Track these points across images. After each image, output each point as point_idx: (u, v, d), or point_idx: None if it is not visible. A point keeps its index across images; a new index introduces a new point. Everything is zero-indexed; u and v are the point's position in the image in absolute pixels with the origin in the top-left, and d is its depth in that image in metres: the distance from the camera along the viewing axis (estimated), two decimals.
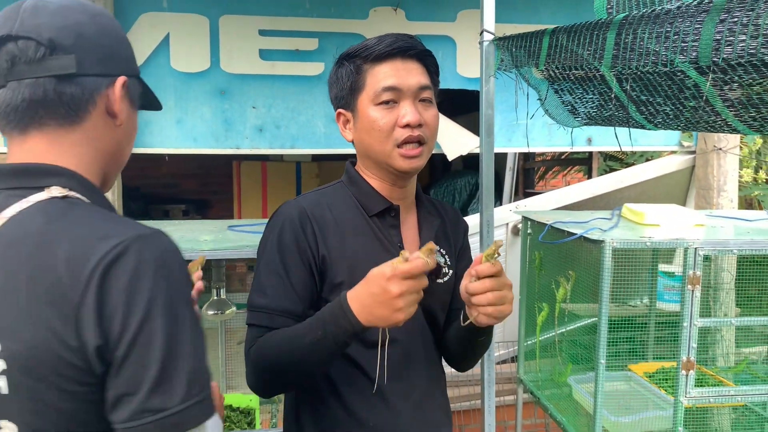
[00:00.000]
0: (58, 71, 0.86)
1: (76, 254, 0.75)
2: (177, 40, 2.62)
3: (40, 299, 0.75)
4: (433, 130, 1.26)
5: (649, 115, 1.30)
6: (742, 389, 1.93)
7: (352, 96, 1.25)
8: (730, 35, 0.98)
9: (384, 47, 1.21)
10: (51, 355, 0.74)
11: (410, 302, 1.02)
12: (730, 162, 2.93)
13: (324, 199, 1.28)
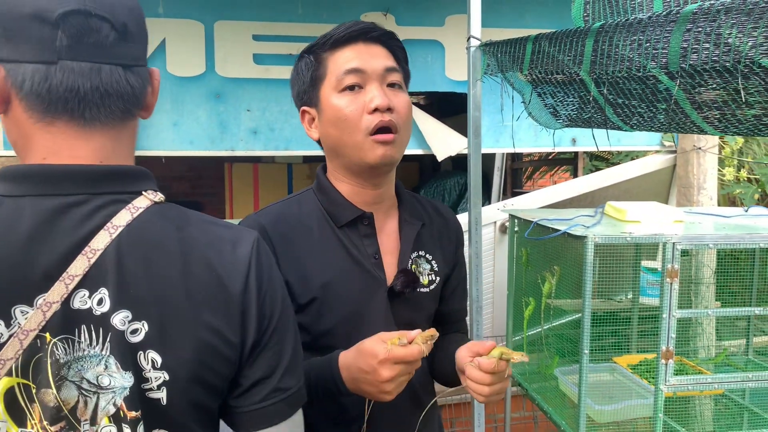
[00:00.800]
0: (129, 61, 0.80)
1: (227, 257, 0.80)
2: (173, 45, 2.68)
3: (201, 305, 0.77)
4: (404, 118, 1.14)
5: (626, 117, 1.39)
6: (719, 377, 2.02)
7: (314, 88, 1.16)
8: (695, 43, 1.06)
9: (342, 31, 1.14)
10: (213, 356, 0.78)
11: (400, 384, 1.00)
12: (709, 161, 3.04)
13: (289, 210, 1.20)
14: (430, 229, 1.26)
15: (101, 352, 0.74)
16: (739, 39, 0.98)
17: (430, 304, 1.23)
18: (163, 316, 0.76)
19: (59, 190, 0.75)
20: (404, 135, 1.15)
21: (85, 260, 0.73)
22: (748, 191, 4.67)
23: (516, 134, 2.97)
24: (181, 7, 2.68)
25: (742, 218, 2.40)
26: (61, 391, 0.73)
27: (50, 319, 0.72)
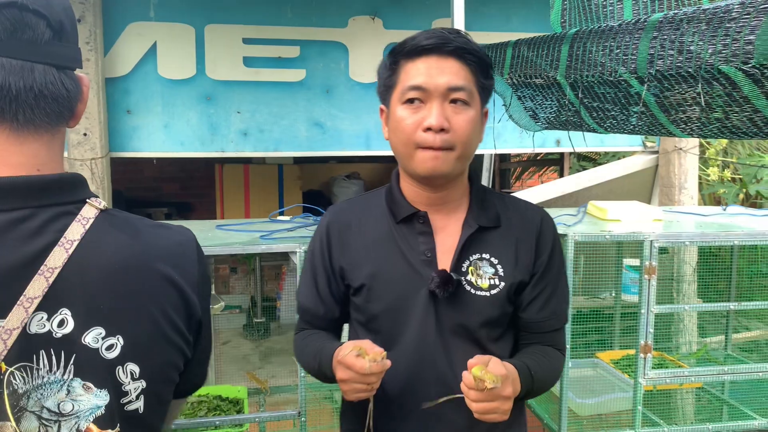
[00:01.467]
0: (64, 62, 0.75)
1: (181, 262, 0.81)
2: (164, 48, 2.72)
3: (166, 310, 0.78)
4: (463, 136, 1.13)
5: (600, 120, 1.45)
6: (696, 370, 2.09)
7: (387, 93, 1.19)
8: (661, 50, 1.12)
9: (419, 42, 1.13)
10: (178, 355, 0.80)
11: (353, 389, 1.06)
12: (690, 161, 3.11)
13: (359, 206, 1.27)
14: (506, 233, 1.22)
15: (62, 377, 0.71)
16: (700, 46, 1.03)
17: (489, 308, 1.17)
18: (136, 327, 0.75)
19: (1, 205, 0.70)
20: (462, 151, 1.14)
21: (42, 280, 0.69)
22: (731, 191, 4.76)
23: (501, 136, 3.03)
24: (172, 11, 2.72)
25: (720, 217, 2.47)
26: (20, 423, 0.69)
27: (11, 347, 0.67)
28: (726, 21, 0.98)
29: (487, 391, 1.00)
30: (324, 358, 1.16)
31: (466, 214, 1.21)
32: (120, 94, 2.72)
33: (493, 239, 1.20)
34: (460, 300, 1.16)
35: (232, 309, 5.74)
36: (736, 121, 1.12)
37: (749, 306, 2.20)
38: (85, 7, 2.54)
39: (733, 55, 0.98)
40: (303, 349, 1.27)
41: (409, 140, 1.13)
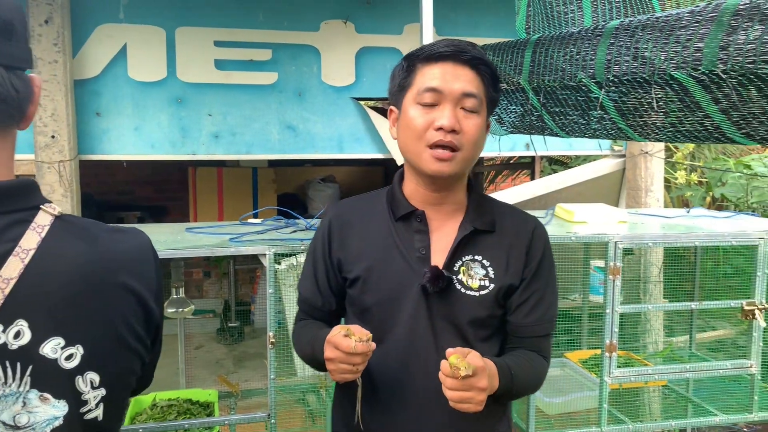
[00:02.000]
0: (13, 62, 0.73)
1: (138, 268, 0.80)
2: (134, 50, 2.71)
3: (126, 316, 0.77)
4: (471, 140, 1.19)
5: (562, 124, 1.48)
6: (659, 368, 2.14)
7: (401, 93, 1.23)
8: (618, 56, 1.16)
9: (439, 48, 1.19)
10: (137, 361, 0.80)
11: (339, 369, 1.09)
12: (656, 165, 3.19)
13: (362, 203, 1.34)
14: (499, 238, 1.26)
15: (18, 389, 0.70)
16: (653, 53, 1.07)
17: (477, 308, 1.21)
18: (96, 336, 0.74)
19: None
20: (468, 153, 1.20)
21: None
22: (698, 194, 4.88)
23: None
24: (142, 13, 2.71)
25: (683, 219, 2.53)
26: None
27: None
28: (677, 29, 1.02)
29: (462, 380, 1.03)
30: (317, 344, 1.18)
31: (463, 217, 1.26)
32: (89, 96, 2.70)
33: (487, 243, 1.24)
34: (451, 297, 1.20)
35: (206, 313, 5.70)
36: (688, 125, 1.16)
37: (710, 305, 2.26)
38: (53, 8, 2.52)
39: (683, 62, 1.02)
40: (300, 337, 1.32)
41: (421, 138, 1.18)
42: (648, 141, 1.28)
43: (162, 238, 1.96)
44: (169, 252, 1.76)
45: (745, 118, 1.04)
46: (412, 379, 1.22)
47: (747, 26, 0.89)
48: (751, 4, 0.88)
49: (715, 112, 1.07)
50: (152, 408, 2.11)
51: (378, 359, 1.20)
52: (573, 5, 1.51)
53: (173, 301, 2.09)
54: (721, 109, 1.06)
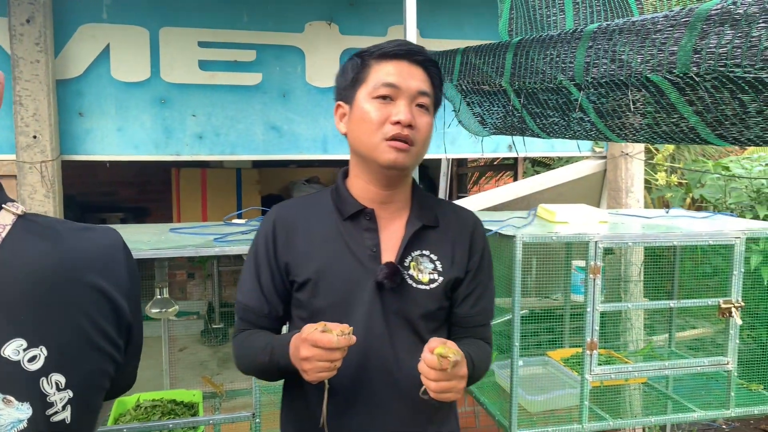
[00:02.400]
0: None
1: (109, 267, 0.80)
2: (117, 50, 2.70)
3: (95, 317, 0.77)
4: (423, 136, 1.24)
5: (543, 126, 1.51)
6: (638, 366, 2.18)
7: (353, 88, 1.25)
8: (596, 59, 1.19)
9: (393, 47, 1.23)
10: (108, 362, 0.79)
11: (316, 368, 1.07)
12: (636, 166, 3.24)
13: (305, 204, 1.33)
14: (443, 232, 1.31)
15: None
16: (630, 56, 1.10)
17: (428, 301, 1.25)
18: (61, 337, 0.73)
19: None
20: (420, 149, 1.24)
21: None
22: (677, 195, 4.96)
23: (455, 141, 3.09)
24: (126, 13, 2.70)
25: (662, 219, 2.58)
26: None
27: None
28: (653, 33, 1.05)
29: (449, 371, 1.07)
30: (278, 348, 1.17)
31: (408, 214, 1.30)
32: (72, 96, 2.68)
33: (433, 238, 1.29)
34: (403, 292, 1.23)
35: (190, 315, 5.66)
36: (665, 126, 1.19)
37: (688, 304, 2.31)
38: (35, 7, 2.50)
39: (659, 65, 1.05)
40: (248, 348, 1.26)
41: (377, 131, 1.20)
42: (626, 142, 1.32)
43: (146, 238, 1.96)
44: (152, 252, 1.76)
45: (718, 120, 1.07)
46: (369, 378, 1.23)
47: (719, 30, 0.92)
48: (722, 9, 0.91)
49: (690, 113, 1.10)
50: (136, 409, 2.11)
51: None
52: (555, 8, 1.54)
53: (157, 301, 2.09)
54: (696, 111, 1.09)
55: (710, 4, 0.93)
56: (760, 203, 4.17)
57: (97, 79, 2.70)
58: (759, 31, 0.86)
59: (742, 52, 0.90)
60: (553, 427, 2.12)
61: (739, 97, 0.99)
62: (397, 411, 1.24)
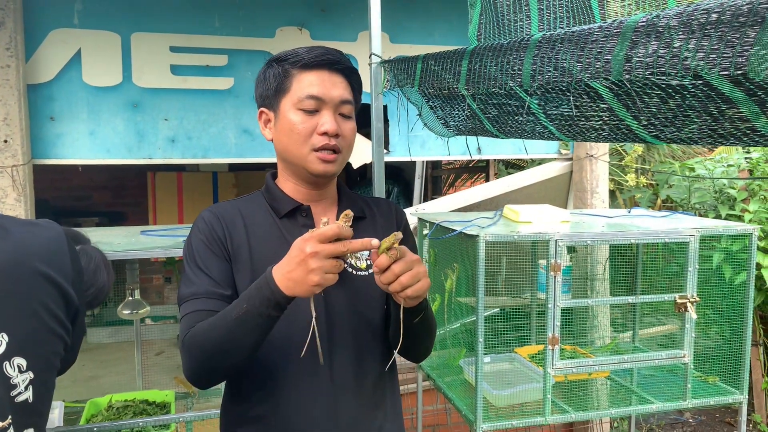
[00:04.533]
0: None
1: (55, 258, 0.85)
2: (88, 55, 2.72)
3: (46, 302, 0.83)
4: (348, 142, 1.30)
5: (500, 127, 1.58)
6: (598, 360, 2.26)
7: (276, 97, 1.28)
8: (541, 66, 1.26)
9: (313, 57, 1.26)
10: (59, 343, 0.85)
11: (323, 265, 1.04)
12: (601, 167, 3.33)
13: (238, 205, 1.34)
14: (371, 222, 1.38)
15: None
16: (571, 64, 1.17)
17: (370, 287, 1.26)
18: (20, 324, 0.80)
19: None
20: (346, 155, 1.32)
21: None
22: (646, 195, 5.09)
23: (426, 143, 3.16)
24: (97, 18, 2.72)
25: (624, 218, 2.67)
26: None
27: None
28: (590, 42, 1.12)
29: (405, 260, 1.09)
30: (253, 289, 1.11)
31: (337, 208, 1.38)
32: (43, 100, 2.70)
33: (363, 227, 1.36)
34: (346, 281, 1.28)
35: (166, 320, 5.66)
36: (607, 129, 1.26)
37: (646, 299, 2.40)
38: (5, 12, 2.52)
39: (596, 72, 1.12)
40: (209, 325, 1.15)
41: (305, 142, 1.26)
42: (576, 141, 1.39)
43: (117, 240, 1.99)
44: (123, 254, 1.79)
45: (652, 122, 1.14)
46: (313, 366, 1.23)
47: (645, 41, 0.99)
48: (647, 22, 0.98)
49: (627, 116, 1.18)
50: (108, 409, 2.14)
51: (278, 350, 1.23)
52: (522, 14, 1.61)
53: (129, 303, 2.12)
54: (633, 115, 1.17)
55: (638, 17, 1.01)
56: (722, 203, 4.30)
57: (68, 83, 2.72)
58: (680, 42, 0.94)
59: (665, 61, 0.97)
60: (517, 420, 2.19)
61: (667, 102, 1.06)
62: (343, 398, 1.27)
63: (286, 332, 1.22)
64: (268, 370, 1.25)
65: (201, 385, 1.22)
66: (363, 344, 1.30)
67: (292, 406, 1.25)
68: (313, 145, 1.25)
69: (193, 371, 1.17)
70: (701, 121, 1.07)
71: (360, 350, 1.30)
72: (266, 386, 1.26)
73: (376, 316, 1.32)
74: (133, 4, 2.76)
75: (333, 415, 1.26)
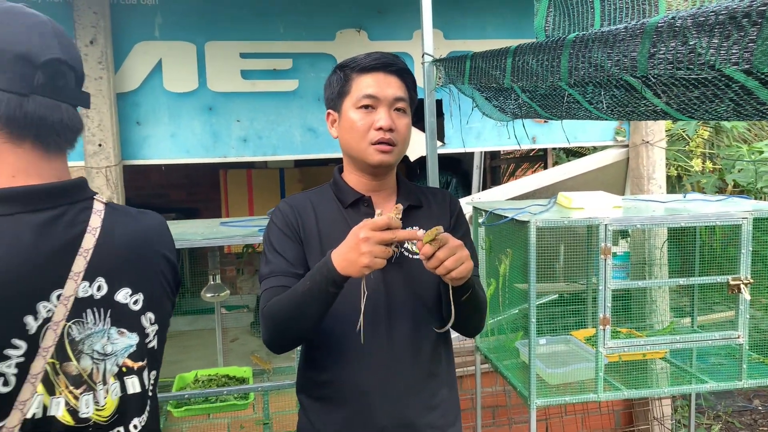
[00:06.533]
0: (80, 103, 0.99)
1: (165, 238, 1.10)
2: (168, 64, 2.99)
3: (164, 272, 1.06)
4: (403, 136, 1.44)
5: (550, 112, 1.71)
6: (650, 339, 2.33)
7: (339, 99, 1.45)
8: (577, 63, 1.37)
9: (370, 61, 1.42)
10: (172, 304, 1.10)
11: (373, 250, 1.18)
12: (657, 153, 3.35)
13: (309, 196, 1.51)
14: (427, 210, 1.52)
15: (103, 327, 0.95)
16: (603, 60, 1.29)
17: (423, 269, 1.31)
18: (150, 284, 1.01)
19: (45, 204, 0.92)
20: (401, 147, 1.45)
21: (82, 260, 0.93)
22: (710, 180, 4.99)
23: (481, 134, 3.28)
24: (175, 30, 2.99)
25: (677, 203, 2.71)
26: (80, 361, 0.92)
27: (70, 309, 0.90)
28: (618, 41, 1.23)
29: (443, 240, 1.21)
30: (319, 266, 1.26)
31: (396, 197, 1.52)
32: (130, 107, 2.99)
33: (419, 215, 1.51)
34: (403, 264, 1.43)
35: (240, 309, 6.00)
36: (642, 108, 1.38)
37: (698, 281, 2.44)
38: (97, 30, 2.81)
39: (624, 68, 1.23)
40: (282, 299, 1.32)
41: (364, 138, 1.41)
42: (620, 120, 1.47)
43: (199, 230, 2.23)
44: (205, 242, 2.02)
45: (682, 107, 1.25)
46: (375, 336, 1.39)
47: (666, 40, 1.10)
48: (666, 22, 1.09)
49: (659, 102, 1.28)
50: (195, 382, 2.39)
51: (344, 323, 1.38)
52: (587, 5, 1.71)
53: (210, 287, 2.36)
54: (665, 101, 1.27)
55: (657, 18, 1.11)
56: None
57: (151, 90, 3.00)
58: (694, 40, 1.04)
59: (684, 57, 1.08)
60: (570, 397, 2.30)
61: (692, 91, 1.17)
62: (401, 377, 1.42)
63: (350, 308, 1.38)
64: (335, 341, 1.43)
65: (276, 350, 1.39)
66: (419, 318, 1.45)
67: (356, 372, 1.42)
68: (371, 140, 1.40)
69: (269, 337, 1.37)
70: (725, 105, 1.17)
71: (416, 323, 1.45)
72: (333, 354, 1.43)
73: (429, 294, 1.45)
74: (207, 16, 3.01)
75: (393, 380, 1.42)
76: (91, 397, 0.94)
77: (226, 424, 2.87)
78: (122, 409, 0.98)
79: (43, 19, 0.95)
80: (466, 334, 1.53)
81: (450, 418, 1.51)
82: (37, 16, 0.95)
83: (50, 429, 0.89)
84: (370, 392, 1.41)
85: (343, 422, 1.42)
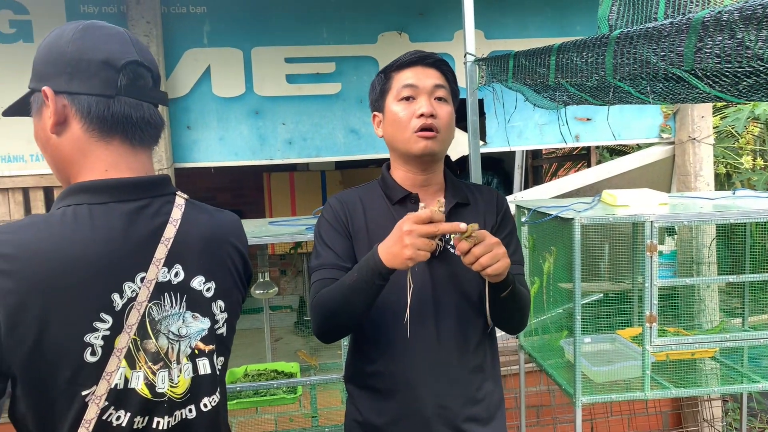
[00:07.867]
0: (158, 102, 1.07)
1: (237, 233, 1.17)
2: (216, 70, 3.09)
3: (235, 263, 1.14)
4: (445, 123, 1.44)
5: (599, 99, 1.72)
6: (698, 338, 2.30)
7: (382, 98, 1.49)
8: (621, 59, 1.39)
9: (407, 57, 1.47)
10: (242, 294, 1.17)
11: (416, 242, 1.21)
12: (704, 150, 3.29)
13: (359, 192, 1.54)
14: (474, 207, 1.53)
15: (179, 311, 1.02)
16: (648, 55, 1.30)
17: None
18: (221, 274, 1.08)
19: (132, 196, 1.00)
20: (445, 135, 1.46)
21: (163, 247, 1.01)
22: (761, 177, 4.85)
23: (522, 133, 3.28)
24: (223, 37, 3.09)
25: (725, 199, 2.66)
26: (158, 340, 1.00)
27: (152, 291, 0.99)
28: (662, 37, 1.24)
29: (479, 238, 1.24)
30: (367, 259, 1.29)
31: (444, 194, 1.54)
32: (181, 112, 3.10)
33: (466, 212, 1.52)
34: (448, 260, 1.46)
35: (284, 309, 6.12)
36: (685, 94, 1.39)
37: (747, 278, 2.39)
38: (149, 39, 2.93)
39: (671, 63, 1.24)
40: (331, 290, 1.36)
41: (407, 127, 1.43)
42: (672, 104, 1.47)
43: (249, 229, 2.30)
44: (256, 240, 2.09)
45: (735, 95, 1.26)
46: (422, 329, 1.42)
47: (713, 34, 1.11)
48: (712, 17, 1.10)
49: (711, 90, 1.29)
50: (245, 377, 2.47)
51: (391, 315, 1.41)
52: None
53: (260, 284, 2.43)
54: (718, 90, 1.28)
55: (703, 13, 1.12)
56: None
57: (200, 96, 3.11)
58: (742, 33, 1.05)
59: (731, 50, 1.08)
60: (616, 395, 2.29)
61: (742, 82, 1.17)
62: (444, 371, 1.45)
63: (397, 300, 1.42)
64: (383, 333, 1.47)
65: (325, 339, 1.44)
66: (464, 312, 1.48)
67: (403, 365, 1.45)
68: (413, 128, 1.42)
69: (318, 327, 1.41)
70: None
71: (461, 317, 1.48)
72: (380, 346, 1.47)
73: (473, 289, 1.48)
74: (253, 22, 3.11)
75: (439, 371, 1.45)
76: (167, 374, 1.01)
77: (273, 419, 2.95)
78: (194, 389, 1.05)
79: (118, 29, 1.05)
80: (508, 331, 1.55)
81: (493, 410, 1.54)
82: (113, 27, 1.04)
83: (130, 400, 0.97)
84: (417, 385, 1.45)
85: (390, 412, 1.46)
